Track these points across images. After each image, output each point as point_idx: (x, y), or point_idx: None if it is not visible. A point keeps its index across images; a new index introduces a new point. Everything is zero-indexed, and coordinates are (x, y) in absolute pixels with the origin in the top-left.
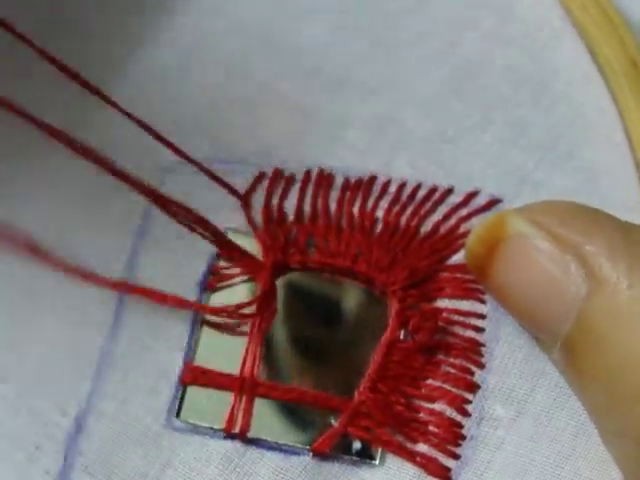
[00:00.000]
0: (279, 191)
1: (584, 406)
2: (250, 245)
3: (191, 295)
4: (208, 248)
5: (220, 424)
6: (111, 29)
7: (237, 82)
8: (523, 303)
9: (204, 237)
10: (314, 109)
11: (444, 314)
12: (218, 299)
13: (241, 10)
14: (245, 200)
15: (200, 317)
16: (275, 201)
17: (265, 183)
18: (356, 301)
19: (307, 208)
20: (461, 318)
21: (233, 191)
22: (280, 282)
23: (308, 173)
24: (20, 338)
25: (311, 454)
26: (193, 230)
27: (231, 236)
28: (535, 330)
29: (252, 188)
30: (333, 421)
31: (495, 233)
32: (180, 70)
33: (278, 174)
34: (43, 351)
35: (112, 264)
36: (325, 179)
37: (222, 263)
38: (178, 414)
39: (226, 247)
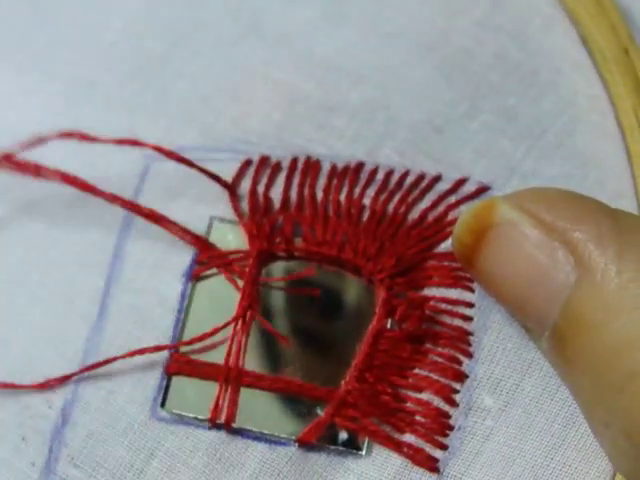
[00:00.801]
0: (265, 179)
1: (573, 396)
2: (236, 234)
3: (177, 285)
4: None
5: (205, 414)
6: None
7: (224, 68)
8: (511, 291)
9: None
10: (302, 95)
11: (432, 302)
12: (204, 288)
13: None
14: (231, 188)
15: (185, 306)
16: (261, 189)
17: (252, 171)
18: (343, 290)
19: (294, 196)
20: (449, 307)
21: (219, 180)
22: (267, 270)
23: (295, 161)
24: (5, 328)
25: (297, 444)
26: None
27: (217, 225)
28: (523, 319)
29: (238, 176)
30: (319, 411)
31: (483, 220)
32: (167, 56)
33: (264, 161)
34: (28, 342)
35: (98, 254)
36: (312, 166)
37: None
38: (163, 404)
39: (206, 249)
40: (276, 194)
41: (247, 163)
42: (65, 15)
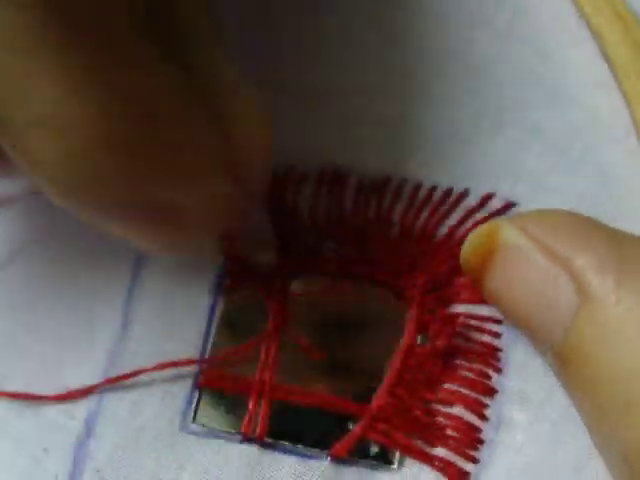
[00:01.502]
0: (293, 191)
1: (577, 411)
2: (265, 248)
3: (205, 297)
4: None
5: (237, 428)
6: None
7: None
8: (516, 313)
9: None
10: (327, 103)
11: (461, 319)
12: (233, 301)
13: None
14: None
15: (216, 317)
16: (289, 202)
17: (279, 182)
18: (373, 305)
19: (322, 211)
20: (478, 323)
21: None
22: (298, 285)
23: (322, 174)
24: (23, 336)
25: (329, 458)
26: None
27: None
28: (529, 337)
29: (269, 190)
30: (351, 426)
31: (488, 243)
32: None
33: (290, 172)
34: (47, 350)
35: (119, 261)
36: (339, 180)
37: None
38: (194, 418)
39: (236, 262)
40: (302, 207)
41: (277, 180)
42: None
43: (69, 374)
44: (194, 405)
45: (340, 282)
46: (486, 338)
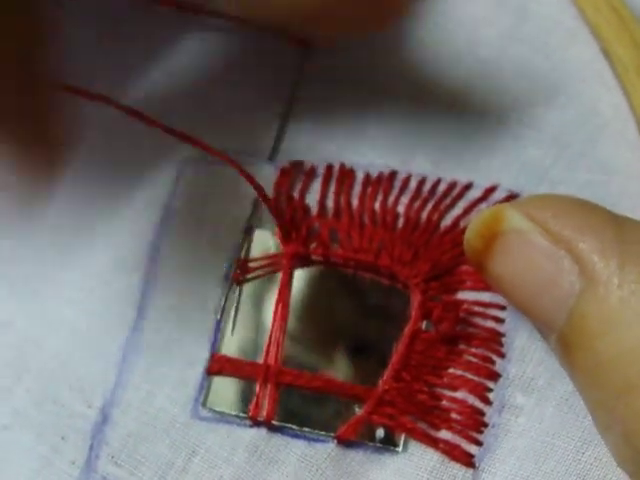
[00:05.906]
0: (300, 184)
1: (580, 395)
2: (272, 239)
3: (217, 288)
4: (232, 241)
5: (246, 412)
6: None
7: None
8: (519, 296)
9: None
10: (333, 102)
11: (465, 305)
12: (244, 292)
13: None
14: (262, 194)
15: (226, 307)
16: (296, 195)
17: (287, 177)
18: (379, 293)
19: (330, 204)
20: (482, 309)
21: (255, 184)
22: (305, 274)
23: (330, 168)
24: (40, 329)
25: (335, 441)
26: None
27: (259, 232)
28: (532, 321)
29: (278, 184)
30: (357, 409)
31: (492, 227)
32: (194, 68)
33: (298, 167)
34: (65, 342)
35: (133, 254)
36: (347, 174)
37: (246, 256)
38: (204, 403)
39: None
40: (310, 200)
41: (284, 171)
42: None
43: (84, 364)
44: (205, 391)
45: (346, 271)
46: (490, 324)
